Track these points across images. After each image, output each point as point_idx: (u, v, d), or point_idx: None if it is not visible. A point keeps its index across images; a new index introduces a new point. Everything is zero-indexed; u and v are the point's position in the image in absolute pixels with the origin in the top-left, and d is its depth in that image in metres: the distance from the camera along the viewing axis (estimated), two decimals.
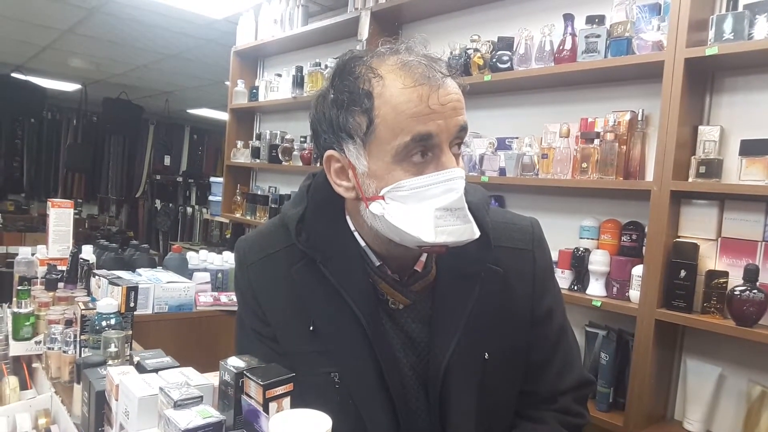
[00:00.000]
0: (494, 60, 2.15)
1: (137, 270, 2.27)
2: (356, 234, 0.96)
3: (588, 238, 1.95)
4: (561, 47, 1.96)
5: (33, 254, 2.17)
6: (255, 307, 1.00)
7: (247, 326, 1.02)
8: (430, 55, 0.86)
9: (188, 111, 8.47)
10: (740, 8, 1.62)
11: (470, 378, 0.94)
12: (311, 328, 0.94)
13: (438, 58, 0.86)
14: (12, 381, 1.47)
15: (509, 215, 1.07)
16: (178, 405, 0.81)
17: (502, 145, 2.24)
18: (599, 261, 1.85)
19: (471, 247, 0.92)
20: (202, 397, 0.85)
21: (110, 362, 1.18)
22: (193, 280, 2.27)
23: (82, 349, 1.38)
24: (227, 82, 3.98)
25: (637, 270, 1.75)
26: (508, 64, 2.11)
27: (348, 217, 0.98)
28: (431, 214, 0.82)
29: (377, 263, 0.95)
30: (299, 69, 3.25)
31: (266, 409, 0.79)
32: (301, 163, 3.22)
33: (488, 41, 2.23)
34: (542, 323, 1.01)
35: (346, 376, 0.92)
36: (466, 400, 0.93)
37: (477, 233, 0.86)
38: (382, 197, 0.85)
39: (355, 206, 0.94)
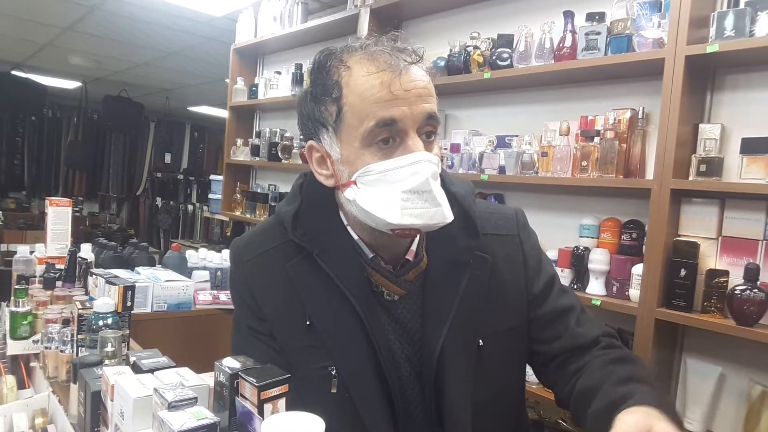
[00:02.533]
0: (494, 57, 2.13)
1: (136, 268, 2.26)
2: (349, 228, 0.98)
3: (588, 237, 1.94)
4: (561, 45, 1.95)
5: (31, 253, 2.16)
6: (251, 303, 1.00)
7: (243, 325, 1.02)
8: (398, 45, 0.89)
9: (189, 108, 8.47)
10: (741, 5, 1.61)
11: (464, 366, 0.94)
12: (308, 322, 0.95)
13: (405, 47, 0.89)
14: (9, 380, 1.46)
15: (493, 206, 1.10)
16: (172, 406, 0.81)
17: (502, 143, 2.23)
18: (599, 260, 1.84)
19: (459, 236, 0.97)
20: (196, 398, 0.84)
21: (107, 362, 1.17)
22: (192, 278, 2.27)
23: (79, 348, 1.38)
24: (227, 80, 3.97)
25: (637, 269, 1.74)
26: (508, 62, 2.10)
27: (341, 213, 0.99)
28: (397, 196, 0.85)
29: (370, 255, 0.97)
30: (299, 66, 3.24)
31: (261, 411, 0.79)
32: (300, 161, 3.21)
33: (488, 38, 2.22)
34: (546, 290, 1.03)
35: (343, 369, 0.93)
36: (461, 388, 0.93)
37: (449, 217, 0.88)
38: (354, 182, 0.89)
39: (340, 197, 0.97)
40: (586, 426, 0.90)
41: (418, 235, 0.98)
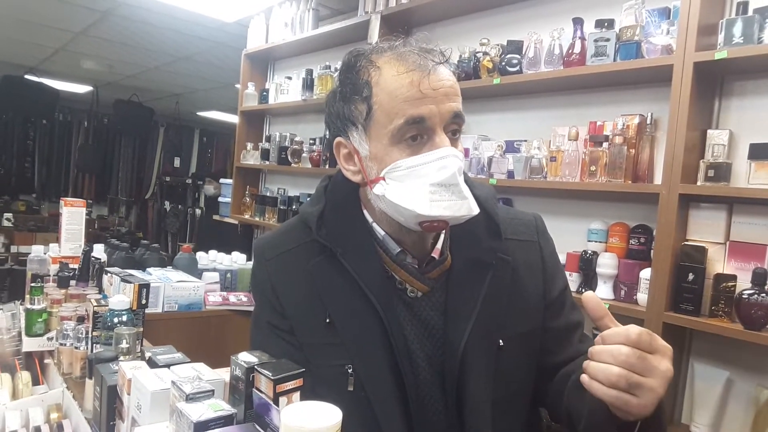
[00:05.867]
0: (503, 63, 2.16)
1: (147, 269, 2.29)
2: (374, 225, 1.00)
3: (596, 241, 1.95)
4: (570, 51, 1.97)
5: (45, 252, 2.19)
6: (273, 299, 1.02)
7: (263, 321, 1.04)
8: (425, 46, 0.92)
9: (198, 113, 8.53)
10: (750, 12, 1.63)
11: (486, 365, 0.95)
12: (327, 320, 0.96)
13: (431, 48, 0.92)
14: (24, 376, 1.49)
15: (513, 211, 1.13)
16: (190, 398, 0.83)
17: (511, 147, 2.24)
18: (607, 264, 1.85)
19: (483, 237, 0.99)
20: (213, 391, 0.86)
21: (122, 358, 1.19)
22: (203, 279, 2.30)
23: (94, 345, 1.40)
24: (237, 85, 4.01)
25: (645, 273, 1.75)
26: (518, 68, 2.12)
27: (365, 211, 1.01)
28: (426, 189, 0.88)
29: (396, 250, 0.98)
30: (309, 72, 3.28)
31: (276, 404, 0.80)
32: (310, 165, 3.24)
33: (498, 45, 2.24)
34: (560, 299, 1.06)
35: (359, 368, 0.94)
36: (483, 387, 0.94)
37: (475, 210, 0.91)
38: (383, 178, 0.91)
39: (366, 194, 0.99)
40: (563, 402, 0.93)
41: (443, 235, 1.01)
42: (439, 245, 1.00)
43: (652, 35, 1.78)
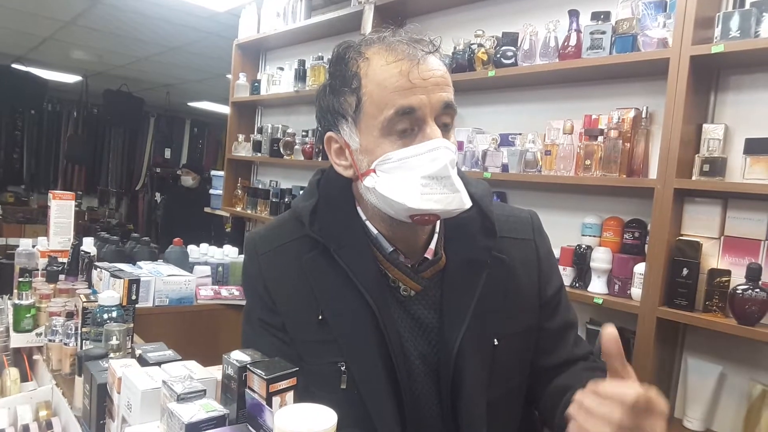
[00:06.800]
0: (498, 55, 2.14)
1: (138, 263, 2.27)
2: (368, 223, 0.98)
3: (590, 236, 1.95)
4: (566, 43, 1.95)
5: (34, 246, 2.17)
6: (264, 296, 1.01)
7: (254, 318, 1.02)
8: (414, 36, 0.90)
9: (189, 104, 8.46)
10: (747, 6, 1.62)
11: (481, 363, 0.95)
12: (320, 317, 0.95)
13: (421, 38, 0.90)
14: (13, 373, 1.47)
15: (508, 209, 1.11)
16: (181, 398, 0.81)
17: (505, 141, 2.23)
18: (601, 258, 1.85)
19: (478, 236, 0.98)
20: (205, 390, 0.85)
21: (112, 355, 1.18)
22: (194, 273, 2.28)
23: (84, 341, 1.38)
24: (229, 76, 3.97)
25: (639, 268, 1.74)
26: (512, 60, 2.11)
27: (359, 208, 1.00)
28: (417, 182, 0.86)
29: (390, 249, 0.97)
30: (302, 63, 3.24)
31: (269, 403, 0.79)
32: (302, 158, 3.22)
33: (492, 36, 2.22)
34: (555, 298, 1.06)
35: (352, 365, 0.93)
36: (478, 385, 0.94)
37: (467, 203, 0.90)
38: (374, 170, 0.90)
39: (358, 190, 0.97)
40: (555, 417, 0.93)
41: (436, 235, 0.99)
42: (432, 245, 0.99)
43: (649, 28, 1.76)
